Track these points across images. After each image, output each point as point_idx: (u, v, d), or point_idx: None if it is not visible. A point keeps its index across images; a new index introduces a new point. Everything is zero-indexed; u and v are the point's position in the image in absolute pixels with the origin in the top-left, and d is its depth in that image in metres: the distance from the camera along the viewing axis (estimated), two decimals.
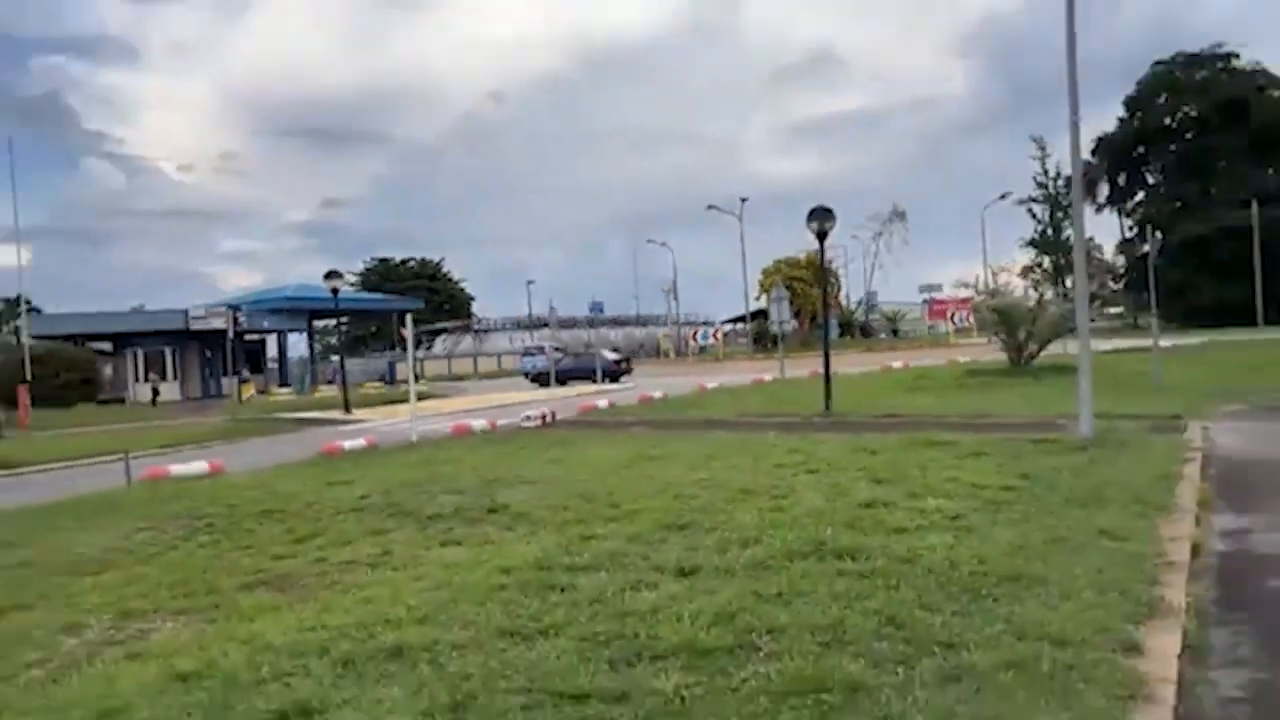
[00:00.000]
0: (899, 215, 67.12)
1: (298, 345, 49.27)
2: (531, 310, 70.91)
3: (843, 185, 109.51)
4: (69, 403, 32.23)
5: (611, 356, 38.26)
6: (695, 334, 64.58)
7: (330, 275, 27.27)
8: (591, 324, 66.99)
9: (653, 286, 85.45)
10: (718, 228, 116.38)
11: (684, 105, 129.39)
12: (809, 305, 54.70)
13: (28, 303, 44.51)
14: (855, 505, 6.86)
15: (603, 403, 21.45)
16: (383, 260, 77.13)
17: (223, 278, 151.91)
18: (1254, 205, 46.15)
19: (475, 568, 5.80)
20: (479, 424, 17.09)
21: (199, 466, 12.72)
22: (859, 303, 70.89)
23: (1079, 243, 12.59)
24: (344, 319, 48.71)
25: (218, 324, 39.47)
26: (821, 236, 16.90)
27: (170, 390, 40.29)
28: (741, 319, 64.89)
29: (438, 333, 65.31)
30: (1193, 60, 55.17)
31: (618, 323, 71.40)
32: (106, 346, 41.05)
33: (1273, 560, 5.61)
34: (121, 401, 37.87)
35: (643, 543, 6.04)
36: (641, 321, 72.38)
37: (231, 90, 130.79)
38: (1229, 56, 54.84)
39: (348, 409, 25.26)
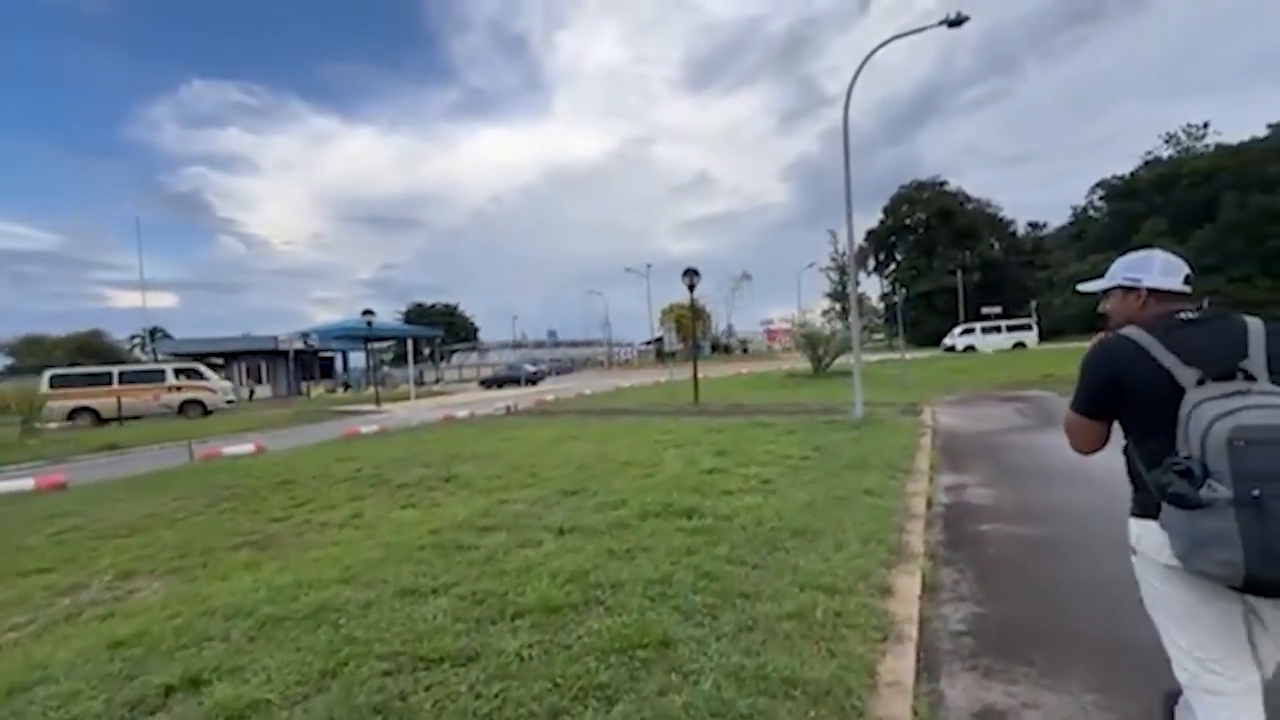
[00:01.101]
0: (747, 277, 68.61)
1: (358, 359, 46.57)
2: (515, 335, 69.05)
3: (713, 258, 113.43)
4: None
5: (530, 369, 36.36)
6: (620, 351, 64.43)
7: (366, 313, 25.51)
8: (555, 345, 65.84)
9: (594, 320, 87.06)
10: (635, 284, 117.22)
11: (614, 207, 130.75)
12: (689, 332, 54.52)
13: (161, 331, 42.51)
14: (700, 472, 6.11)
15: (550, 397, 20.35)
16: (419, 304, 74.13)
17: (314, 315, 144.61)
18: (959, 273, 48.28)
19: (415, 528, 4.83)
20: (463, 413, 15.89)
21: (246, 447, 11.00)
22: (723, 331, 71.13)
23: (855, 295, 12.29)
24: (385, 341, 46.47)
25: (296, 345, 37.47)
26: (691, 287, 16.34)
27: (263, 391, 37.48)
28: (649, 342, 64.52)
29: (454, 351, 62.71)
30: (922, 185, 57.07)
31: (573, 345, 69.42)
32: (219, 361, 37.94)
33: (977, 508, 5.14)
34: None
35: (542, 505, 5.18)
36: (586, 344, 70.64)
37: (319, 191, 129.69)
38: (943, 183, 56.93)
39: (378, 403, 23.47)
